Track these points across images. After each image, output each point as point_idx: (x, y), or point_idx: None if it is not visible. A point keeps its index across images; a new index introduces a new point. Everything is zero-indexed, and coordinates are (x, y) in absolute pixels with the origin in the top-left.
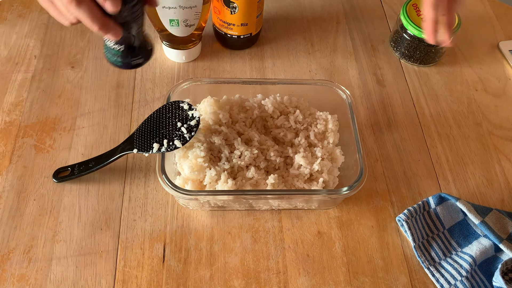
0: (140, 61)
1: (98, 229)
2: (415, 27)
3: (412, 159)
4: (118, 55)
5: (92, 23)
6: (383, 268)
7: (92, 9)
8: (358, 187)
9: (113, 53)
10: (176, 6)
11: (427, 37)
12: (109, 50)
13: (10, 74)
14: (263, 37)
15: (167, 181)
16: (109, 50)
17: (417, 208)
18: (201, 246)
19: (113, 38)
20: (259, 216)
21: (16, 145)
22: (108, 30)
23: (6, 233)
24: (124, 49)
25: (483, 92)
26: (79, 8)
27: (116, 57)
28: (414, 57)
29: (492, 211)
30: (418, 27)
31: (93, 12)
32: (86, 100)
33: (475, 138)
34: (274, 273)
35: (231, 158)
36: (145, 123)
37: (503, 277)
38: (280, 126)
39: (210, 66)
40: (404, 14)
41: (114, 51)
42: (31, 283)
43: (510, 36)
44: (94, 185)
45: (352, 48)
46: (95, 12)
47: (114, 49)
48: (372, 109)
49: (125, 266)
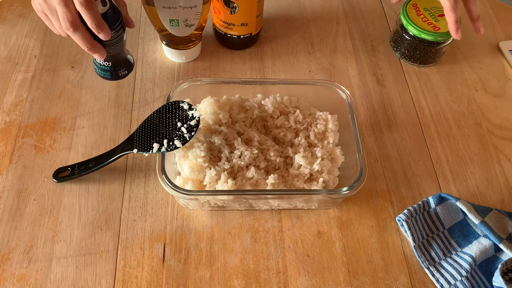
0: (125, 73)
1: (98, 229)
2: (415, 27)
3: (412, 159)
4: (107, 70)
5: (83, 45)
6: (383, 268)
7: (84, 34)
8: (358, 187)
9: (103, 69)
10: (176, 6)
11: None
12: (98, 65)
13: (10, 74)
14: (263, 37)
15: (167, 181)
16: (98, 66)
17: (417, 208)
18: (201, 246)
19: (100, 58)
20: (259, 216)
21: (16, 145)
22: (96, 51)
23: (6, 233)
24: (111, 64)
25: (483, 92)
26: (74, 32)
27: (104, 72)
28: (414, 57)
29: (492, 211)
30: (418, 27)
31: (85, 37)
32: (86, 100)
33: (475, 138)
34: (274, 273)
35: (231, 158)
36: (145, 123)
37: (503, 277)
38: (280, 126)
39: (210, 66)
40: (404, 14)
41: (104, 66)
42: (31, 283)
43: (510, 36)
44: (94, 185)
45: (352, 48)
46: (87, 36)
47: (103, 65)
48: (372, 109)
49: (125, 266)
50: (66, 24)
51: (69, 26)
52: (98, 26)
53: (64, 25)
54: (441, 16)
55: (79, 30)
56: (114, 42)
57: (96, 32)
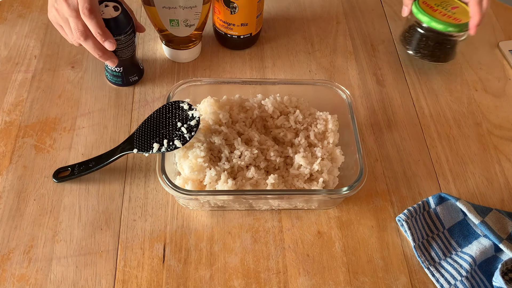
0: (136, 79)
1: (98, 229)
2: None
3: (412, 159)
4: (118, 76)
5: (94, 52)
6: (383, 268)
7: (95, 43)
8: (358, 187)
9: (114, 75)
10: (176, 6)
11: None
12: (110, 72)
13: (10, 74)
14: (263, 37)
15: (167, 181)
16: (110, 72)
17: (417, 208)
18: (201, 246)
19: (112, 64)
20: (259, 216)
21: (16, 145)
22: (107, 58)
23: (6, 233)
24: (122, 70)
25: (483, 92)
26: (85, 41)
27: (116, 78)
28: (435, 55)
29: (492, 211)
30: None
31: (96, 45)
32: (86, 100)
33: (475, 138)
34: (274, 273)
35: (231, 158)
36: (145, 123)
37: (503, 277)
38: (280, 126)
39: (210, 66)
40: (422, 12)
41: (114, 72)
42: (31, 283)
43: (510, 36)
44: (94, 185)
45: (352, 48)
46: (98, 44)
47: (114, 71)
48: (372, 109)
49: (125, 266)
50: (77, 34)
51: (79, 35)
52: (102, 35)
53: (76, 35)
54: (455, 8)
55: (90, 39)
56: (125, 46)
57: (100, 40)
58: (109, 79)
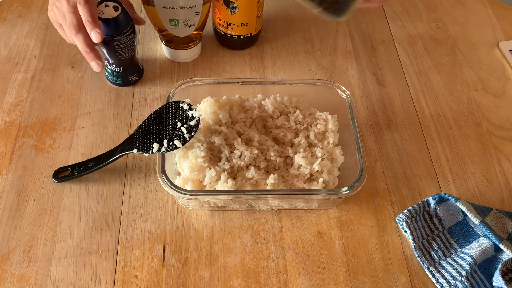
0: (136, 79)
1: (98, 229)
2: None
3: (412, 159)
4: (118, 76)
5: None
6: (383, 268)
7: (85, 37)
8: (358, 187)
9: (114, 75)
10: (176, 6)
11: None
12: (110, 72)
13: (10, 74)
14: (263, 37)
15: (167, 181)
16: (109, 72)
17: (417, 208)
18: (201, 246)
19: (96, 67)
20: (259, 216)
21: (16, 145)
22: (92, 58)
23: (6, 233)
24: (122, 70)
25: (483, 92)
26: (76, 34)
27: (116, 78)
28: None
29: (492, 211)
30: None
31: (85, 40)
32: (86, 100)
33: (475, 138)
34: (274, 273)
35: (231, 158)
36: (145, 123)
37: (503, 277)
38: (280, 126)
39: (210, 66)
40: None
41: (115, 72)
42: (31, 283)
43: (510, 36)
44: (94, 185)
45: (352, 48)
46: (87, 40)
47: (114, 71)
48: (372, 109)
49: (125, 266)
50: (70, 28)
51: (72, 29)
52: (91, 23)
53: (69, 29)
54: None
55: (81, 33)
56: (125, 46)
57: (88, 28)
58: (109, 79)
